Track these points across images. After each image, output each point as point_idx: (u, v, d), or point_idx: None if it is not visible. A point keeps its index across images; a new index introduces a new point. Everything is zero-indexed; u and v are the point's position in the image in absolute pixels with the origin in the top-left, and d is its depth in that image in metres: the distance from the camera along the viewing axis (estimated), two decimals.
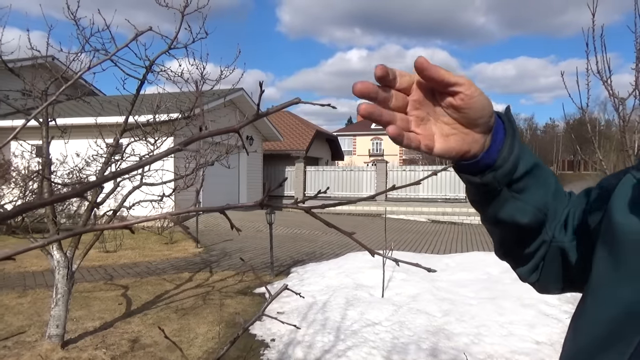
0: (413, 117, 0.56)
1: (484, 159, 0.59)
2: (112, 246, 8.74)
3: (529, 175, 0.62)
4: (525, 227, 0.64)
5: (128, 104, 4.32)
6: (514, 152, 0.60)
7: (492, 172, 0.60)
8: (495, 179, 0.60)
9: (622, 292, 0.49)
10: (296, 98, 0.48)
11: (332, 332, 4.26)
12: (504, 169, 0.60)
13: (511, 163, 0.59)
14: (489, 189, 0.62)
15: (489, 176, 0.60)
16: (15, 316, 4.78)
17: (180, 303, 5.33)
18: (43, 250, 4.22)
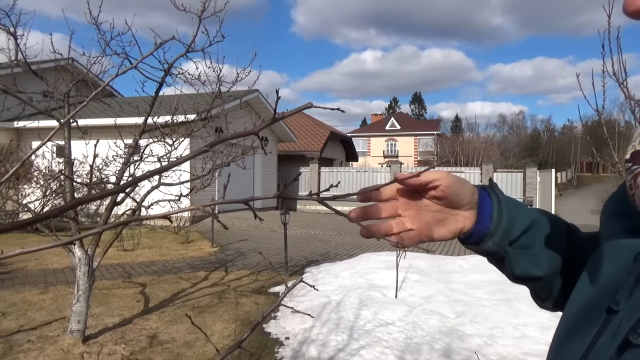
0: (406, 217, 0.66)
1: (478, 229, 0.66)
2: (130, 245, 8.91)
3: (530, 230, 0.67)
4: (545, 278, 0.68)
5: (146, 105, 4.42)
6: (503, 215, 0.66)
7: (490, 238, 0.66)
8: (494, 243, 0.66)
9: (583, 292, 0.53)
10: (309, 103, 0.53)
11: (345, 332, 4.31)
12: (500, 232, 0.66)
13: (505, 225, 0.66)
14: (496, 253, 0.68)
15: (488, 243, 0.67)
16: (37, 312, 4.92)
17: (196, 301, 5.43)
18: (65, 248, 4.34)
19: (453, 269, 6.93)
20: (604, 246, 0.53)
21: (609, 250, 0.51)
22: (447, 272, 6.75)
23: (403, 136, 52.95)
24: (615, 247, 0.50)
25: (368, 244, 10.30)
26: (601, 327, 0.47)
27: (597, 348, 0.46)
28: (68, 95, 4.43)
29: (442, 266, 7.08)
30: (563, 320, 0.56)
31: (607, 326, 0.46)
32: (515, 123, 71.26)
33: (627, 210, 0.49)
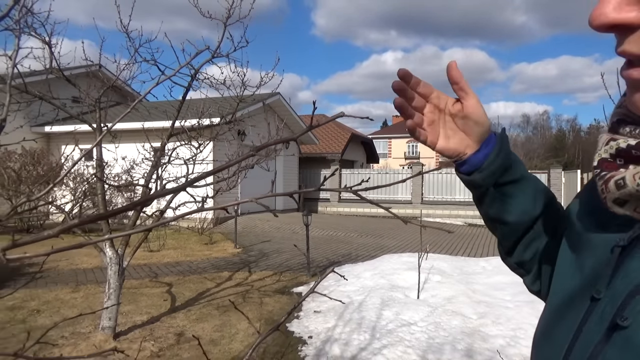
0: (426, 118, 0.74)
1: (474, 160, 0.74)
2: (156, 246, 9.12)
3: (515, 183, 0.75)
4: (512, 225, 0.76)
5: (173, 109, 4.57)
6: (498, 159, 0.73)
7: (479, 173, 0.73)
8: (481, 178, 0.73)
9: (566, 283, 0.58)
10: (341, 112, 0.61)
11: (367, 331, 4.36)
12: (489, 170, 0.73)
13: (496, 167, 0.72)
14: (479, 187, 0.75)
15: (476, 175, 0.73)
16: (70, 309, 5.11)
17: (221, 300, 5.55)
18: (96, 248, 4.52)
19: (475, 271, 6.91)
20: (583, 240, 0.58)
21: (589, 244, 0.56)
22: (469, 273, 6.73)
23: None
24: (593, 241, 0.55)
25: (389, 245, 10.31)
26: (585, 314, 0.51)
27: (584, 333, 0.50)
28: (99, 100, 4.60)
29: (464, 268, 7.06)
30: (548, 310, 0.61)
31: (592, 313, 0.50)
32: (539, 123, 70.00)
33: (597, 208, 0.54)
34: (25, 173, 10.61)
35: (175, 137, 4.68)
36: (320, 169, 19.49)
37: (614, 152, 0.48)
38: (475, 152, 0.74)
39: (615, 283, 0.49)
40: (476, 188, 0.76)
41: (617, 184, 0.46)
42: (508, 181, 0.74)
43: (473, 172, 0.74)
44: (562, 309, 0.57)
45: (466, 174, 0.75)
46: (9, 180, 10.28)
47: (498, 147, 0.73)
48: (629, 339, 0.44)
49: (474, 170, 0.74)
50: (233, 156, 5.23)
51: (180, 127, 4.60)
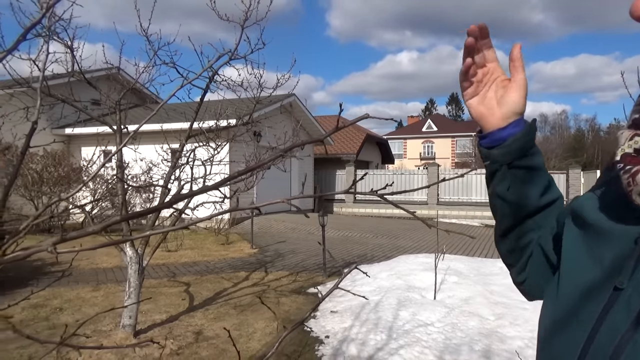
0: (477, 76, 0.80)
1: (497, 134, 0.78)
2: (174, 246, 9.24)
3: (529, 171, 0.77)
4: (515, 207, 0.79)
5: (190, 110, 4.63)
6: (520, 141, 0.76)
7: (499, 148, 0.77)
8: (499, 154, 0.77)
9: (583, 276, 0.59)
10: (365, 114, 0.63)
11: (384, 331, 4.37)
12: (509, 148, 0.76)
13: (516, 147, 0.76)
14: (495, 163, 0.78)
15: (495, 151, 0.77)
16: (91, 307, 5.22)
17: (238, 300, 5.61)
18: (117, 248, 4.60)
19: (492, 272, 6.85)
20: (600, 233, 0.58)
21: (607, 236, 0.57)
22: (486, 274, 6.68)
23: (440, 138, 52.22)
24: (612, 234, 0.56)
25: (405, 246, 10.28)
26: (607, 304, 0.52)
27: (608, 321, 0.51)
28: (119, 103, 4.69)
29: (481, 268, 7.01)
30: (560, 303, 0.61)
31: (615, 302, 0.51)
32: (557, 123, 68.95)
33: (616, 201, 0.56)
34: (47, 174, 10.84)
35: (194, 138, 4.75)
36: (335, 170, 19.50)
37: (638, 147, 0.50)
38: (500, 128, 0.77)
39: (638, 274, 0.50)
40: (492, 163, 0.79)
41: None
42: (523, 165, 0.77)
43: (493, 148, 0.78)
44: (579, 300, 0.57)
45: (486, 148, 0.79)
46: (32, 182, 10.51)
47: (525, 130, 0.76)
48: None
49: (495, 145, 0.78)
50: (250, 157, 5.28)
51: (198, 129, 4.66)
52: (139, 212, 0.49)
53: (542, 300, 0.70)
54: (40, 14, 1.22)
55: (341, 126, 0.59)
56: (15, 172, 1.17)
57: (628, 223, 0.54)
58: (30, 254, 0.42)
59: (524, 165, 0.76)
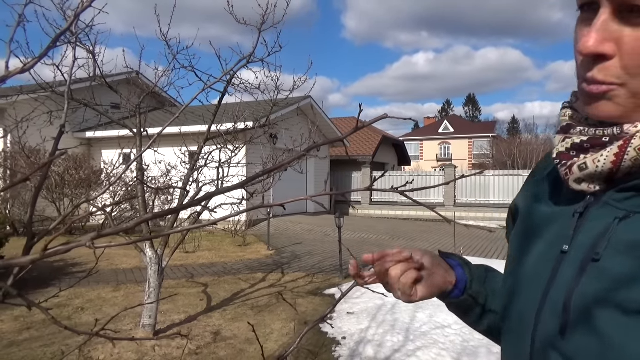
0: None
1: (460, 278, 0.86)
2: (192, 247, 9.34)
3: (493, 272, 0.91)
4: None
5: (208, 113, 4.70)
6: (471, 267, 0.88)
7: (472, 284, 0.85)
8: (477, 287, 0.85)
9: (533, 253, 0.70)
10: (384, 114, 0.65)
11: (401, 333, 4.36)
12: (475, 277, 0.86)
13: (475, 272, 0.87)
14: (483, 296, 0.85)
15: (473, 287, 0.85)
16: (111, 307, 5.31)
17: (255, 301, 5.65)
18: (137, 248, 4.69)
19: None
20: (538, 219, 0.70)
21: (547, 219, 0.69)
22: None
23: (457, 139, 51.78)
24: (551, 216, 0.68)
25: (422, 248, 10.22)
26: (555, 266, 0.62)
27: (559, 275, 0.61)
28: (139, 106, 4.78)
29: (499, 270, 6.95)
30: (512, 278, 0.72)
31: (562, 261, 0.62)
32: None
33: (552, 192, 0.70)
34: (69, 177, 11.07)
35: (211, 140, 4.81)
36: (352, 172, 19.49)
37: (569, 147, 0.63)
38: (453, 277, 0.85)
39: (577, 238, 0.61)
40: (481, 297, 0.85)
41: (579, 167, 0.61)
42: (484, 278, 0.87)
43: (466, 288, 0.85)
44: (532, 270, 0.67)
45: (461, 294, 0.85)
46: (54, 184, 10.74)
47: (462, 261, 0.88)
48: (602, 268, 0.56)
49: (466, 285, 0.85)
50: (267, 159, 5.33)
51: (216, 131, 4.72)
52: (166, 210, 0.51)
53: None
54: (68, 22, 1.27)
55: (360, 126, 0.61)
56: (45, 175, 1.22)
57: (566, 204, 0.66)
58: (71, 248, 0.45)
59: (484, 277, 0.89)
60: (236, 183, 0.55)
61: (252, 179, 0.54)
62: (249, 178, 0.56)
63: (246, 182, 0.55)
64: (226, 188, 0.56)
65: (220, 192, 0.54)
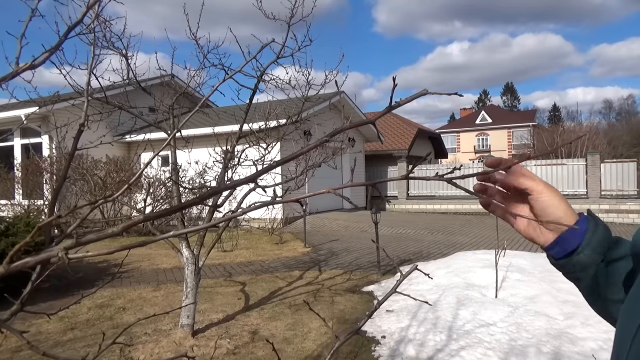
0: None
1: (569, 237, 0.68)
2: (229, 246, 9.42)
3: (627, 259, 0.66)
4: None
5: (241, 113, 4.66)
6: (599, 229, 0.67)
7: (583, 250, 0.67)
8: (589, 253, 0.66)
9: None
10: (424, 89, 0.54)
11: (443, 332, 4.20)
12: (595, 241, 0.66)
13: (601, 237, 0.66)
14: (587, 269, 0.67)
15: (581, 255, 0.67)
16: (151, 307, 5.38)
17: (292, 299, 5.60)
18: (174, 249, 4.71)
19: None
20: None
21: None
22: (552, 271, 6.29)
23: (495, 129, 50.37)
24: None
25: (462, 242, 9.94)
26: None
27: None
28: (172, 107, 4.80)
29: (545, 265, 6.63)
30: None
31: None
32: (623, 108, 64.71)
33: None
34: (110, 180, 11.37)
35: (244, 139, 4.78)
36: (387, 167, 19.23)
37: None
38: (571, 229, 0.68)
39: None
40: (584, 270, 0.68)
41: None
42: (620, 256, 0.67)
43: (573, 253, 0.67)
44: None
45: (565, 257, 0.69)
46: (96, 187, 11.05)
47: (592, 218, 0.69)
48: None
49: (573, 250, 0.67)
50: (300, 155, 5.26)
51: (249, 129, 4.69)
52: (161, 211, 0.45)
53: None
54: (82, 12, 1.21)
55: (394, 105, 0.51)
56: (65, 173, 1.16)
57: None
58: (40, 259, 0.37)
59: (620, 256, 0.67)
60: (245, 177, 0.46)
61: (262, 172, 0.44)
62: (259, 171, 0.47)
63: (257, 175, 0.46)
64: (233, 183, 0.46)
65: (225, 188, 0.46)
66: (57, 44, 1.09)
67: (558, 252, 0.69)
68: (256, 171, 0.48)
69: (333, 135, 0.51)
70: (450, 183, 0.46)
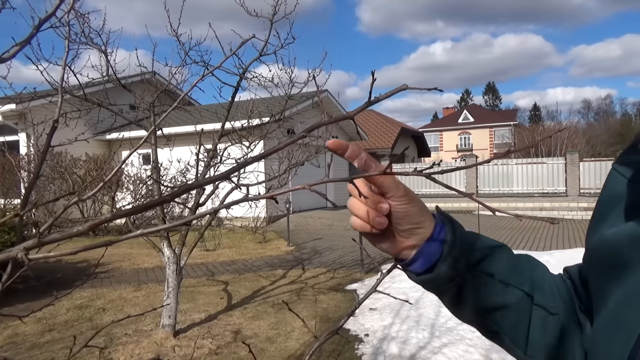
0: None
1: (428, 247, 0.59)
2: (212, 245, 9.33)
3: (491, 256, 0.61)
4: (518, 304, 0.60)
5: (224, 111, 4.62)
6: (457, 232, 0.60)
7: (444, 261, 0.58)
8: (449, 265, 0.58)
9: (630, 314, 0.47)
10: (403, 85, 0.53)
11: (426, 329, 4.22)
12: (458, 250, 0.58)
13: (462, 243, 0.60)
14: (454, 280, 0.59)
15: (442, 267, 0.58)
16: (132, 307, 5.30)
17: (275, 298, 5.57)
18: (155, 248, 4.64)
19: None
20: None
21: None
22: None
23: (477, 129, 50.95)
24: None
25: None
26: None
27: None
28: (153, 105, 4.73)
29: None
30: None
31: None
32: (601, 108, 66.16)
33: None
34: (90, 178, 11.18)
35: (226, 137, 4.73)
36: None
37: None
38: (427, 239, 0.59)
39: None
40: (449, 282, 0.59)
41: None
42: (482, 256, 0.61)
43: (436, 266, 0.58)
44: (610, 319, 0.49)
45: (426, 272, 0.59)
46: (75, 186, 10.85)
47: (448, 221, 0.61)
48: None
49: (434, 263, 0.58)
50: (283, 154, 5.23)
51: (231, 128, 4.65)
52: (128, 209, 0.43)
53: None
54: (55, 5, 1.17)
55: (374, 100, 0.49)
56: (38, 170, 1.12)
57: None
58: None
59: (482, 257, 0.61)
60: (219, 173, 0.44)
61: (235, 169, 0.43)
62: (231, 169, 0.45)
63: (230, 173, 0.44)
64: (205, 180, 0.45)
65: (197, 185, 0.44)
66: (29, 36, 1.05)
67: (421, 265, 0.59)
68: (230, 168, 0.46)
69: (311, 130, 0.50)
70: (429, 178, 0.45)
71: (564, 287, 0.63)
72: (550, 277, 0.64)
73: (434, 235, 0.59)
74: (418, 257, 0.59)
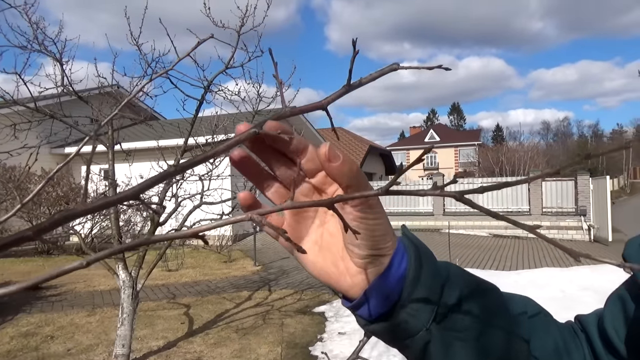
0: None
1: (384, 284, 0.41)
2: (174, 265, 8.95)
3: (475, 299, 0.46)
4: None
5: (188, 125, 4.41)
6: (425, 264, 0.44)
7: (401, 308, 0.42)
8: (409, 314, 0.42)
9: None
10: (395, 64, 0.38)
11: (397, 355, 4.06)
12: (424, 286, 0.42)
13: (428, 279, 0.43)
14: (416, 332, 0.42)
15: (401, 314, 0.42)
16: (84, 335, 4.92)
17: (240, 322, 5.30)
18: (110, 271, 4.33)
19: (507, 284, 6.53)
20: None
21: None
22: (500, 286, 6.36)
23: (443, 148, 52.01)
24: None
25: None
26: None
27: None
28: (111, 118, 4.47)
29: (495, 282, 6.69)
30: None
31: None
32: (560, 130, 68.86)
33: None
34: (45, 194, 10.62)
35: (189, 153, 4.51)
36: None
37: None
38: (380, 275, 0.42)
39: None
40: (411, 335, 0.43)
41: None
42: (456, 301, 0.44)
43: (394, 311, 0.42)
44: None
45: (381, 319, 0.43)
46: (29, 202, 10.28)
47: (412, 248, 0.44)
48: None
49: (395, 305, 0.42)
50: None
51: (195, 143, 4.43)
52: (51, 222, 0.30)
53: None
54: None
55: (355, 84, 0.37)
56: None
57: None
58: None
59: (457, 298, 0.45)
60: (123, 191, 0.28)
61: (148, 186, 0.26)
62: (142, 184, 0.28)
63: (141, 191, 0.27)
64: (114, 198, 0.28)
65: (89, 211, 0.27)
66: None
67: (373, 309, 0.42)
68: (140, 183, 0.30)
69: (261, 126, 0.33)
70: (460, 200, 0.29)
71: (573, 344, 0.53)
72: (556, 331, 0.54)
73: (392, 267, 0.42)
74: (369, 297, 0.42)
